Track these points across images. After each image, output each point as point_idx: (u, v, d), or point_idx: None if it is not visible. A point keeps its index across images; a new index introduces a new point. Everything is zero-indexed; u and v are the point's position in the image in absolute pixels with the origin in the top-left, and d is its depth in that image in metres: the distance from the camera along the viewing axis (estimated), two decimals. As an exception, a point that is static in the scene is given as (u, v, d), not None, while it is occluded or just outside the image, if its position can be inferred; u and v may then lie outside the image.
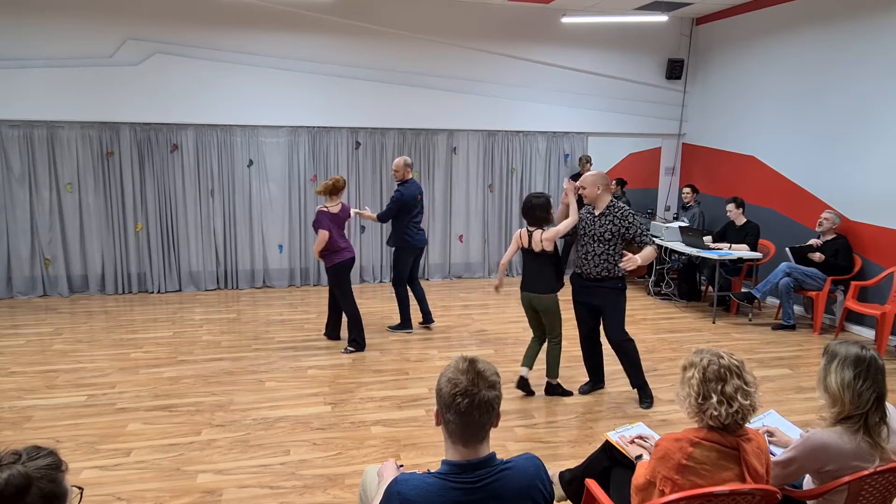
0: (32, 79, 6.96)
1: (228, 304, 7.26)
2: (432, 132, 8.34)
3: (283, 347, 5.69)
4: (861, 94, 6.34)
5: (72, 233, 7.39)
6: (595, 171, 4.49)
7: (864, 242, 6.35)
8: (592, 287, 4.46)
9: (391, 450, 3.81)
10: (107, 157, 7.36)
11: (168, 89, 7.36)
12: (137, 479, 3.44)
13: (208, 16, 7.35)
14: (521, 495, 1.78)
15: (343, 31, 7.75)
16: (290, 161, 7.92)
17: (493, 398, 1.78)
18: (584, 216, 4.50)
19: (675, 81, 8.95)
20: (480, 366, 1.81)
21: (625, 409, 4.46)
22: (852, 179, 6.46)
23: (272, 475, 3.50)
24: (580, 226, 4.50)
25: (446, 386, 1.79)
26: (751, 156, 7.85)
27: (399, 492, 1.74)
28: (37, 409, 4.33)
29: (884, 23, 6.09)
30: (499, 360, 5.38)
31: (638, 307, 7.36)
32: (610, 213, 4.39)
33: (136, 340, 5.83)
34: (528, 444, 3.89)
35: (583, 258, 4.46)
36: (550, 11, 8.21)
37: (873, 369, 2.23)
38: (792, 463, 2.29)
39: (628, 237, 4.36)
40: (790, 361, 5.54)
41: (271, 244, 8.04)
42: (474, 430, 1.78)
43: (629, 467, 2.57)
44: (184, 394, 4.61)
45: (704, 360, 2.11)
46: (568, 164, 8.90)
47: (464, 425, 1.77)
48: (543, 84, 8.51)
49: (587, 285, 4.49)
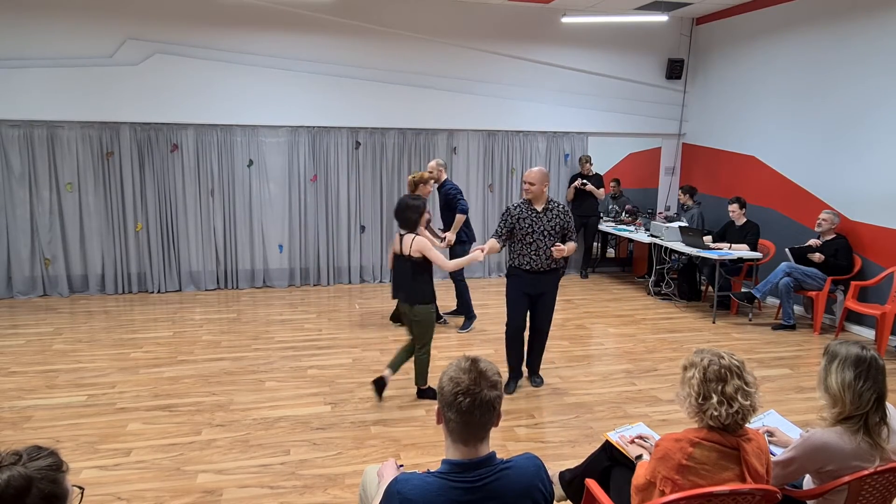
0: (32, 79, 6.96)
1: (228, 304, 7.26)
2: (432, 132, 8.34)
3: (283, 347, 5.70)
4: (861, 93, 6.34)
5: (72, 233, 7.39)
6: (540, 168, 4.58)
7: (864, 242, 6.35)
8: (541, 277, 4.57)
9: (391, 450, 3.81)
10: (107, 156, 7.36)
11: (168, 89, 7.36)
12: (137, 479, 3.44)
13: (208, 16, 7.35)
14: (521, 495, 1.79)
15: (343, 31, 7.75)
16: (290, 161, 7.92)
17: (494, 398, 1.79)
18: (524, 214, 4.51)
19: (675, 81, 8.95)
20: (482, 365, 1.82)
21: (625, 409, 4.46)
22: (852, 179, 6.46)
23: (272, 475, 3.50)
24: (521, 225, 4.51)
25: (448, 385, 1.79)
26: (751, 156, 7.85)
27: (399, 491, 1.74)
28: (37, 409, 4.33)
29: (884, 23, 6.09)
30: (499, 361, 5.38)
31: (638, 307, 7.37)
32: (553, 209, 4.54)
33: (137, 340, 5.83)
34: (528, 444, 3.89)
35: (533, 253, 4.50)
36: (550, 11, 8.21)
37: (874, 369, 2.23)
38: (792, 463, 2.29)
39: (565, 231, 4.58)
40: (790, 361, 5.54)
41: (271, 244, 8.04)
42: (475, 430, 1.78)
43: (629, 467, 2.57)
44: (184, 394, 4.61)
45: (705, 360, 2.11)
46: (568, 164, 8.90)
47: (465, 424, 1.77)
48: (543, 84, 8.51)
49: (535, 277, 4.57)
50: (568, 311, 7.11)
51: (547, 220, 4.50)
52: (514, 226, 4.53)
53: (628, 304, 7.51)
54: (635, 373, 5.16)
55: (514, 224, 4.52)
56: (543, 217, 4.50)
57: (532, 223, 4.49)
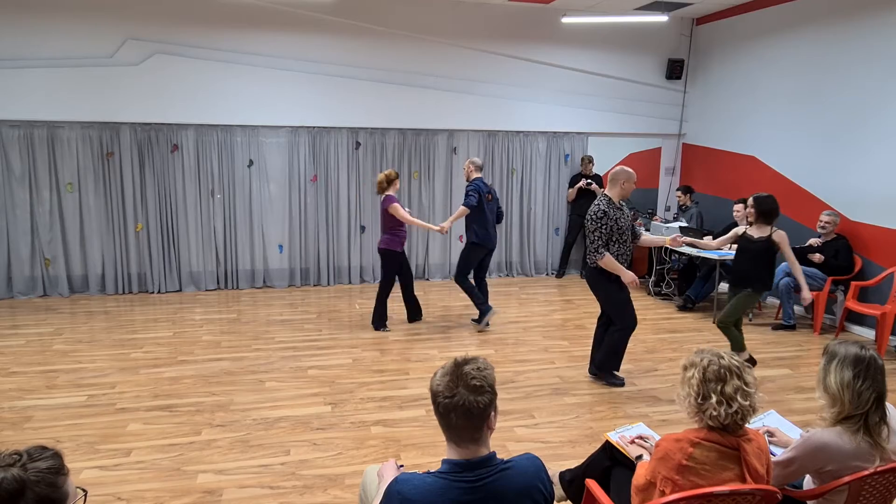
0: (32, 79, 6.96)
1: (228, 304, 7.26)
2: (432, 132, 8.34)
3: (283, 347, 5.69)
4: (861, 93, 6.34)
5: (72, 233, 7.39)
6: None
7: (865, 242, 6.35)
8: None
9: (391, 450, 3.81)
10: (107, 157, 7.36)
11: (168, 89, 7.36)
12: (137, 479, 3.44)
13: (208, 16, 7.35)
14: (521, 495, 1.78)
15: (343, 31, 7.75)
16: (290, 161, 7.92)
17: (471, 402, 1.72)
18: (618, 214, 4.69)
19: (675, 81, 8.95)
20: (467, 368, 1.77)
21: (625, 409, 4.46)
22: (852, 179, 6.46)
23: (272, 475, 3.50)
24: (619, 225, 4.65)
25: (432, 385, 1.81)
26: (751, 156, 7.85)
27: (399, 491, 1.75)
28: (37, 409, 4.33)
29: (884, 23, 6.09)
30: (499, 361, 5.38)
31: (638, 307, 7.30)
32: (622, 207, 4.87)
33: (137, 340, 5.83)
34: (528, 444, 3.89)
35: (628, 251, 4.78)
36: (550, 11, 8.21)
37: (873, 369, 2.23)
38: (792, 463, 2.29)
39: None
40: (790, 361, 5.54)
41: (271, 244, 8.04)
42: (457, 432, 1.77)
43: (629, 467, 2.57)
44: (184, 394, 4.60)
45: (705, 360, 2.11)
46: (568, 164, 8.90)
47: (446, 426, 1.78)
48: (543, 84, 8.50)
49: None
50: (568, 311, 7.11)
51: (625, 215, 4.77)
52: (612, 227, 4.61)
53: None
54: (635, 373, 5.16)
55: (612, 226, 4.61)
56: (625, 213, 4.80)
57: (625, 221, 4.71)
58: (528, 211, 8.88)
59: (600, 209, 4.58)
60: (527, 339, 6.05)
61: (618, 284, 4.72)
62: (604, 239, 4.56)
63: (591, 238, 4.64)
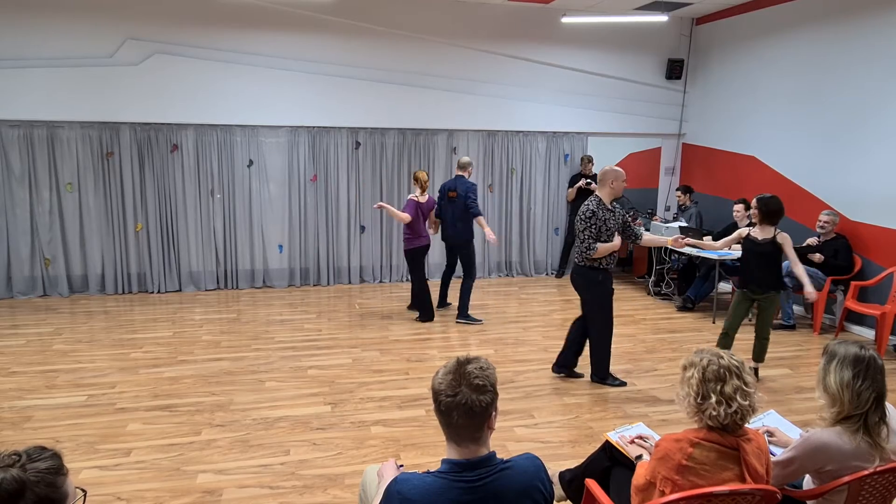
0: (32, 79, 6.96)
1: (228, 304, 7.26)
2: (432, 132, 8.34)
3: (283, 347, 5.70)
4: (861, 93, 6.34)
5: (72, 233, 7.39)
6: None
7: (864, 242, 6.35)
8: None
9: (391, 450, 3.81)
10: (107, 157, 7.36)
11: (168, 89, 7.36)
12: (137, 479, 3.44)
13: (208, 16, 7.35)
14: (521, 494, 1.78)
15: (343, 31, 7.75)
16: (290, 161, 7.92)
17: (473, 402, 1.73)
18: (606, 215, 4.73)
19: (675, 81, 8.95)
20: (470, 367, 1.77)
21: (625, 409, 4.46)
22: (852, 179, 6.46)
23: (272, 475, 3.50)
24: (607, 225, 4.67)
25: (434, 383, 1.81)
26: (751, 156, 7.85)
27: (399, 491, 1.75)
28: (37, 409, 4.33)
29: (884, 23, 6.09)
30: (499, 361, 5.38)
31: (638, 307, 7.37)
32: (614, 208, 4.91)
33: (136, 340, 5.83)
34: (528, 444, 3.89)
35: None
36: (550, 11, 8.21)
37: (872, 369, 2.23)
38: (792, 463, 2.29)
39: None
40: (790, 361, 5.54)
41: (271, 244, 8.04)
42: (458, 431, 1.77)
43: (629, 467, 2.57)
44: (184, 394, 4.61)
45: (704, 360, 2.11)
46: (568, 164, 8.90)
47: (446, 425, 1.78)
48: (543, 84, 8.51)
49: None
50: (568, 310, 7.11)
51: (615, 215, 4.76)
52: (600, 227, 4.63)
53: (628, 304, 7.51)
54: (635, 373, 5.17)
55: (601, 226, 4.63)
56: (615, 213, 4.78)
57: (614, 223, 4.72)
58: (527, 211, 8.88)
59: (589, 209, 4.62)
60: (527, 339, 6.05)
61: (605, 286, 4.75)
62: (592, 238, 4.62)
63: (581, 237, 4.69)
